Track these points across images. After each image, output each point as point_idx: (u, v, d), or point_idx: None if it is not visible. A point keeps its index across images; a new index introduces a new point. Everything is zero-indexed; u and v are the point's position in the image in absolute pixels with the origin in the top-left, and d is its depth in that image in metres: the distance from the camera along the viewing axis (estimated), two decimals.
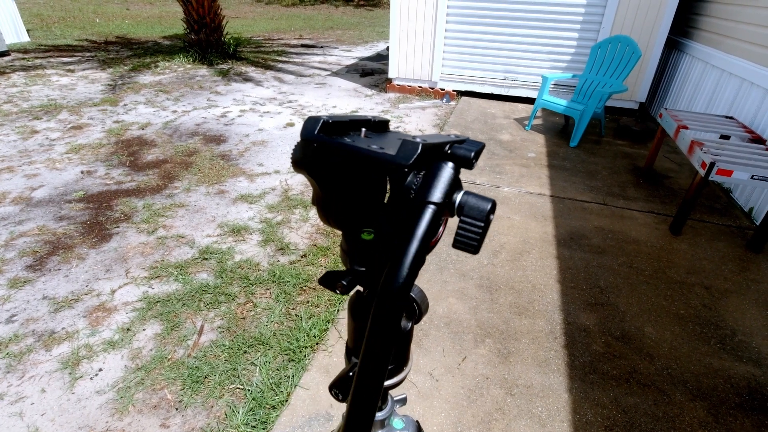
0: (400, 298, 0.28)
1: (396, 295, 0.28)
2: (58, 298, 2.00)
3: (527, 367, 1.69)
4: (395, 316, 0.28)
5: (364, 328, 0.46)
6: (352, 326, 0.48)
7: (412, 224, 0.30)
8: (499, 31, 5.06)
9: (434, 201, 0.31)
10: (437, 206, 0.31)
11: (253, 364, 1.69)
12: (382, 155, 0.33)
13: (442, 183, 0.31)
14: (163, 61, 6.91)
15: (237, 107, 4.87)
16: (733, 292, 2.13)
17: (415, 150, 0.31)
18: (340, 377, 0.45)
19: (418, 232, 0.29)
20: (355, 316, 0.47)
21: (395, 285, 0.28)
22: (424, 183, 0.32)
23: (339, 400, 0.44)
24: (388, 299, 0.28)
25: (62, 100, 4.81)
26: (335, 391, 0.44)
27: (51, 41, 8.24)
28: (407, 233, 0.29)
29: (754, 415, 1.53)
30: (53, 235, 2.46)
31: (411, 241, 0.29)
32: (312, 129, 0.36)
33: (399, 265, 0.28)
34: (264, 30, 11.57)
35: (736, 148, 2.57)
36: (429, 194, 0.31)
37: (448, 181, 0.32)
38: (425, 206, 0.30)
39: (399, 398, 0.50)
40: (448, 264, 2.28)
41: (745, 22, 3.44)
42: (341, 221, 0.42)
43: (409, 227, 0.29)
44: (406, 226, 0.30)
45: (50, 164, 3.31)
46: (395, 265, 0.28)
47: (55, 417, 1.48)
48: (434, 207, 0.30)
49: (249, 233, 2.54)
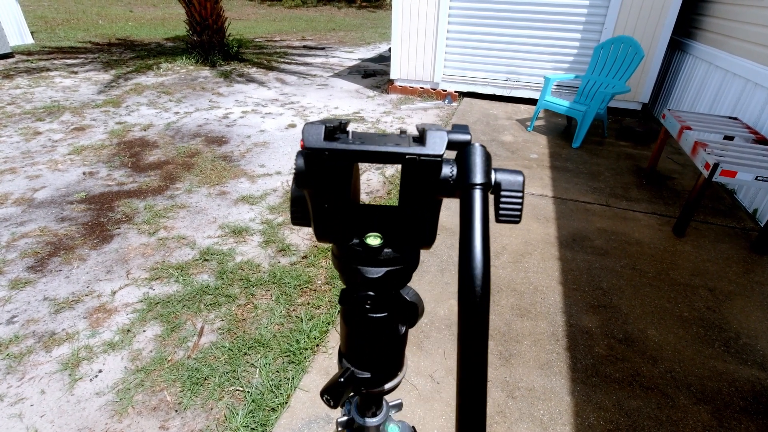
0: (484, 285, 0.28)
1: (480, 284, 0.28)
2: (59, 299, 2.00)
3: (529, 370, 1.68)
4: (484, 305, 0.28)
5: (356, 333, 0.45)
6: (345, 330, 0.47)
7: (468, 212, 0.30)
8: (501, 32, 5.05)
9: (481, 182, 0.31)
10: (484, 186, 0.31)
11: (253, 366, 1.68)
12: (413, 151, 0.33)
13: (482, 164, 0.32)
14: (165, 63, 6.93)
15: (239, 108, 4.88)
16: (738, 295, 2.11)
17: (443, 140, 0.33)
18: (331, 383, 0.44)
19: (477, 216, 0.30)
20: (348, 320, 0.46)
21: (476, 274, 0.28)
22: (464, 168, 0.32)
23: (331, 406, 0.43)
24: (473, 290, 0.28)
25: (65, 102, 4.83)
26: (327, 397, 0.43)
27: (54, 43, 8.29)
28: (468, 221, 0.29)
29: (758, 419, 1.51)
30: (55, 236, 2.46)
31: (474, 227, 0.29)
32: (318, 137, 0.34)
33: (472, 254, 0.28)
34: (266, 32, 11.60)
35: (740, 148, 2.55)
36: (473, 177, 0.31)
37: (486, 160, 0.32)
38: (473, 189, 0.31)
39: (394, 404, 0.49)
40: (450, 266, 2.27)
41: (749, 22, 3.42)
42: (342, 232, 0.40)
43: (467, 216, 0.30)
44: (464, 216, 0.30)
45: (52, 165, 3.32)
46: (469, 255, 0.28)
47: (54, 418, 1.48)
48: (482, 188, 0.31)
49: (250, 234, 2.53)
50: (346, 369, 0.45)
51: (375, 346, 0.46)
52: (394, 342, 0.46)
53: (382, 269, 0.41)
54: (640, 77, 4.62)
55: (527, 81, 5.20)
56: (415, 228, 0.39)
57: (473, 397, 0.28)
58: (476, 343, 0.28)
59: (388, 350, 0.46)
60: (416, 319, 0.45)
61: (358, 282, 0.41)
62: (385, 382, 0.46)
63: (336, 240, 0.41)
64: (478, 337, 0.28)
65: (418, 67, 5.44)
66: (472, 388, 0.28)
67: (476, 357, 0.28)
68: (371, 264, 0.41)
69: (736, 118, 3.12)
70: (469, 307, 0.28)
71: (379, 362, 0.46)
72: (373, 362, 0.46)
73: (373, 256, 0.40)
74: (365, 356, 0.46)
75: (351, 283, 0.42)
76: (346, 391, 0.44)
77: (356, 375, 0.45)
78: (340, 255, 0.42)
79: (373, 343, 0.45)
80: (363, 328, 0.44)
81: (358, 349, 0.46)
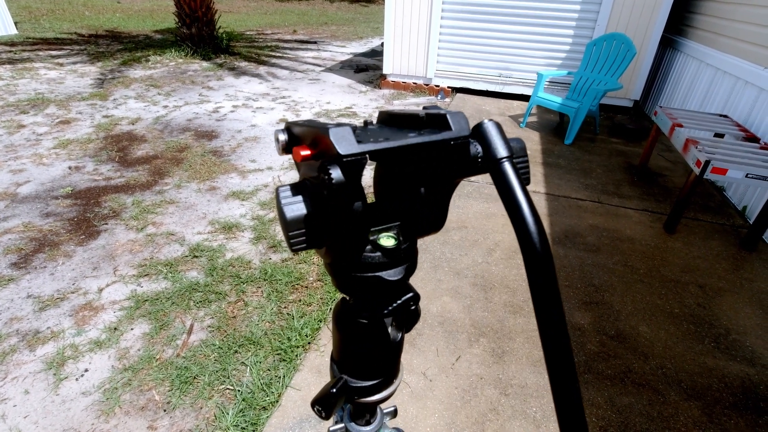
0: (543, 243, 0.29)
1: (540, 243, 0.29)
2: (44, 297, 1.95)
3: (522, 367, 1.68)
4: (548, 261, 0.30)
5: (350, 340, 0.43)
6: (338, 337, 0.45)
7: (506, 183, 0.31)
8: (494, 28, 5.03)
9: (508, 155, 0.32)
10: (510, 158, 0.32)
11: (243, 364, 1.66)
12: (445, 136, 0.33)
13: (502, 138, 0.33)
14: (154, 56, 6.81)
15: (229, 102, 4.81)
16: (727, 291, 2.13)
17: (465, 119, 0.33)
18: (323, 393, 0.41)
19: (516, 184, 0.31)
20: (341, 326, 0.43)
21: (533, 235, 0.29)
22: (487, 144, 0.33)
23: (322, 417, 0.41)
24: (535, 249, 0.29)
25: (50, 94, 4.72)
26: (318, 408, 0.41)
27: (39, 34, 8.10)
28: (510, 191, 0.30)
29: (747, 415, 1.52)
30: (39, 232, 2.40)
31: (517, 194, 0.30)
32: (351, 141, 0.30)
33: (525, 218, 0.30)
34: (257, 25, 11.46)
35: (730, 146, 2.57)
36: (500, 151, 0.32)
37: (503, 134, 0.33)
38: (503, 162, 0.32)
39: (388, 411, 0.47)
40: (443, 262, 2.26)
41: (739, 20, 3.44)
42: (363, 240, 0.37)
43: (506, 186, 0.31)
44: (504, 187, 0.31)
45: (37, 159, 3.24)
46: (522, 220, 0.30)
47: (38, 419, 1.44)
48: (509, 159, 0.32)
49: (241, 230, 2.50)
50: (338, 378, 0.43)
51: (372, 354, 0.44)
52: (392, 348, 0.44)
53: (401, 268, 0.39)
54: (632, 74, 4.63)
55: (520, 77, 5.20)
56: (435, 212, 0.38)
57: (558, 347, 0.30)
58: (550, 297, 0.29)
59: (386, 357, 0.44)
60: (414, 323, 0.43)
61: (379, 290, 0.39)
62: (381, 391, 0.44)
63: (357, 251, 0.38)
64: (550, 291, 0.29)
65: (410, 62, 5.41)
66: (555, 339, 0.30)
67: (553, 309, 0.29)
68: (392, 266, 0.39)
69: (726, 116, 3.15)
70: (535, 265, 0.29)
71: (375, 370, 0.44)
72: (369, 371, 0.44)
73: (395, 256, 0.38)
74: (361, 365, 0.44)
75: (370, 293, 0.39)
76: (339, 401, 0.42)
77: (350, 384, 0.43)
78: (357, 267, 0.38)
79: (371, 350, 0.43)
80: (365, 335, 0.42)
81: (353, 358, 0.44)
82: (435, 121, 0.34)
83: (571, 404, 0.30)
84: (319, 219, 0.34)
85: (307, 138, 0.35)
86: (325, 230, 0.35)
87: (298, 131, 0.37)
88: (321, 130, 0.32)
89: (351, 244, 0.36)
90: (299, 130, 0.37)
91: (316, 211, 0.34)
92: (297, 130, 0.37)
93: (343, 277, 0.38)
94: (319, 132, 0.32)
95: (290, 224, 0.34)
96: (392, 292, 0.39)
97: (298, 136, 0.37)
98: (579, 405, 0.30)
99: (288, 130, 0.39)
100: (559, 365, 0.30)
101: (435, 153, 0.33)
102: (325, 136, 0.31)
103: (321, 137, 0.32)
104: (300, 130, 0.37)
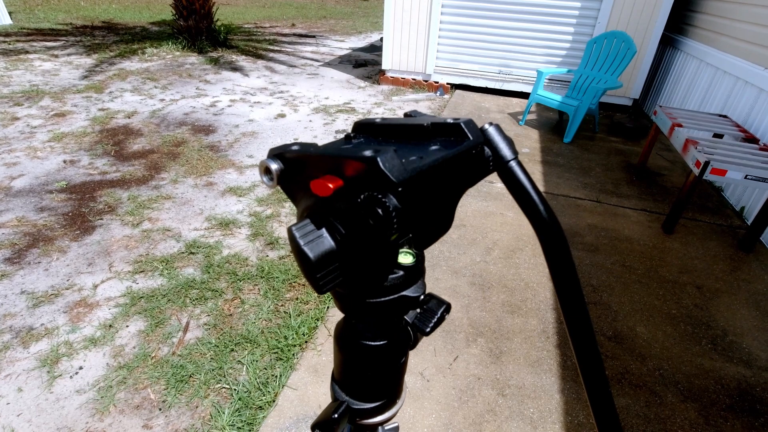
0: (558, 229, 0.32)
1: (556, 228, 0.32)
2: (38, 293, 1.93)
3: (519, 368, 1.67)
4: (564, 245, 0.32)
5: (351, 360, 0.41)
6: (339, 357, 0.43)
7: (517, 182, 0.32)
8: (494, 24, 5.00)
9: (514, 156, 0.33)
10: (516, 158, 0.33)
11: (240, 363, 1.64)
12: (469, 145, 0.33)
13: (506, 141, 0.33)
14: (150, 48, 6.74)
15: (227, 97, 4.77)
16: (725, 292, 2.13)
17: (475, 125, 0.34)
18: (324, 417, 0.40)
19: (526, 182, 0.32)
20: (343, 345, 0.42)
21: (548, 223, 0.32)
22: (494, 148, 0.33)
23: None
24: (554, 236, 0.32)
25: (45, 86, 4.66)
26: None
27: (34, 24, 8.00)
28: (522, 189, 0.32)
29: (744, 417, 1.52)
30: (33, 226, 2.37)
31: (530, 191, 0.32)
32: (400, 164, 0.28)
33: (539, 213, 0.32)
34: (255, 18, 11.36)
35: (729, 147, 2.57)
36: (508, 154, 0.33)
37: (506, 137, 0.34)
38: (510, 163, 0.33)
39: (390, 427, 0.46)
40: (441, 261, 2.25)
41: (740, 20, 3.43)
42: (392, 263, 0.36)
43: (518, 186, 0.32)
44: (516, 186, 0.32)
45: (31, 153, 3.20)
46: (537, 213, 0.32)
47: (32, 417, 1.43)
48: (516, 160, 0.33)
49: (237, 227, 2.48)
50: (341, 402, 0.41)
51: (378, 376, 0.42)
52: (398, 368, 0.42)
53: (421, 281, 0.39)
54: (632, 73, 4.62)
55: (520, 74, 5.17)
56: (445, 219, 0.38)
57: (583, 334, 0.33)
58: (572, 284, 0.32)
59: (391, 379, 0.42)
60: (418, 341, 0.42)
61: (402, 309, 0.38)
62: (384, 412, 0.43)
63: (384, 276, 0.36)
64: (571, 279, 0.32)
65: (410, 58, 5.37)
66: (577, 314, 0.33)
67: (576, 294, 0.32)
68: (412, 282, 0.38)
69: (726, 116, 3.14)
70: (556, 256, 0.32)
71: (380, 392, 0.43)
72: (374, 393, 0.43)
73: (415, 272, 0.37)
74: (366, 387, 0.42)
75: (392, 313, 0.38)
76: (341, 424, 0.40)
77: (352, 407, 0.42)
78: (380, 292, 0.37)
79: (377, 373, 0.42)
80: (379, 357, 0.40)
81: (358, 380, 0.43)
82: (445, 130, 0.33)
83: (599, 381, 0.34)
84: (347, 252, 0.32)
85: (320, 166, 0.31)
86: (353, 262, 0.33)
87: (299, 157, 0.33)
88: (354, 158, 0.28)
89: (379, 271, 0.35)
90: (300, 156, 0.33)
91: (344, 244, 0.32)
92: (296, 155, 0.33)
93: (358, 303, 0.37)
94: (351, 159, 0.29)
95: (317, 264, 0.31)
96: (413, 307, 0.39)
97: (300, 164, 0.33)
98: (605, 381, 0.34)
99: (281, 157, 0.34)
100: (586, 354, 0.33)
101: (460, 163, 0.33)
102: (359, 163, 0.28)
103: (353, 164, 0.29)
104: (302, 156, 0.33)
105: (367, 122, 0.36)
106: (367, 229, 0.29)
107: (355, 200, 0.29)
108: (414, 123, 0.34)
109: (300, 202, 0.35)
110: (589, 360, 0.34)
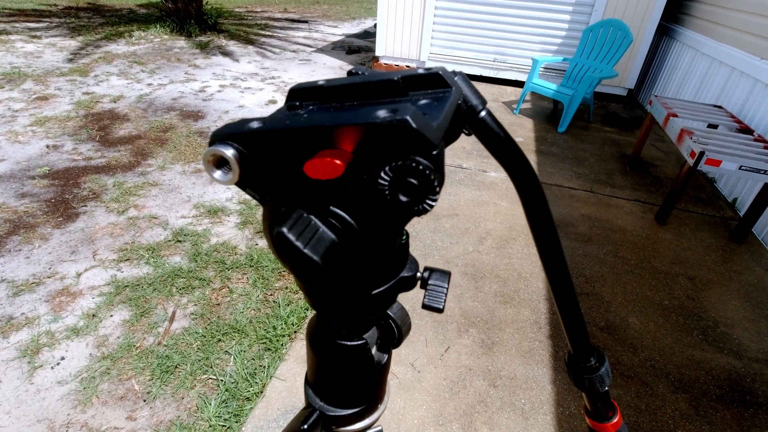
0: (532, 173, 0.33)
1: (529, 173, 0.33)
2: (18, 282, 1.87)
3: (511, 358, 1.66)
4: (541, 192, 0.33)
5: (325, 361, 0.38)
6: (315, 360, 0.39)
7: (489, 131, 0.31)
8: (490, 11, 4.92)
9: (483, 106, 0.31)
10: (485, 107, 0.31)
11: (227, 353, 1.61)
12: (455, 96, 0.29)
13: (471, 88, 0.31)
14: (138, 31, 6.56)
15: (216, 82, 4.66)
16: (716, 283, 2.13)
17: (450, 73, 0.30)
18: (292, 429, 0.36)
19: (497, 129, 0.31)
20: (315, 345, 0.38)
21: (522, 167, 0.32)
22: (466, 97, 0.31)
23: None
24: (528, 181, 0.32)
25: (27, 69, 4.51)
26: None
27: (16, 5, 7.74)
28: (497, 142, 0.31)
29: (734, 408, 1.53)
30: (14, 213, 2.30)
31: (503, 140, 0.31)
32: (428, 123, 0.24)
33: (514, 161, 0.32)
34: (247, 2, 11.11)
35: (724, 137, 2.55)
36: (476, 103, 0.31)
37: (471, 84, 0.31)
38: (481, 115, 0.31)
39: None
40: (433, 250, 2.22)
41: (736, 9, 3.40)
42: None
43: (489, 134, 0.31)
44: (489, 142, 0.31)
45: (12, 137, 3.10)
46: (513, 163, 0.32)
47: (11, 409, 1.38)
48: (486, 109, 0.31)
49: (226, 215, 2.42)
50: (311, 411, 0.38)
51: (358, 378, 0.38)
52: (380, 370, 0.39)
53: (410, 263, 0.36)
54: (627, 62, 4.58)
55: (515, 63, 5.11)
56: None
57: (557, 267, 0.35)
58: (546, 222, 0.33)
59: (372, 381, 0.39)
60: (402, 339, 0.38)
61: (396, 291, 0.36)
62: (364, 418, 0.39)
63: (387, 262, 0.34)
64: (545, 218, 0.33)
65: (404, 44, 5.28)
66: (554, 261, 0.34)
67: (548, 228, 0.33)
68: (405, 261, 0.36)
69: (721, 107, 3.12)
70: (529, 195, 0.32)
71: (359, 396, 0.39)
72: (353, 397, 0.39)
73: (406, 250, 0.35)
74: (343, 391, 0.39)
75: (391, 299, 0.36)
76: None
77: (327, 413, 0.38)
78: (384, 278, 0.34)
79: (357, 374, 0.38)
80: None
81: (334, 383, 0.39)
82: (420, 83, 0.28)
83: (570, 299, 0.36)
84: (351, 244, 0.27)
85: (303, 143, 0.25)
86: (357, 254, 0.29)
87: (268, 135, 0.25)
88: (368, 123, 0.23)
89: (384, 258, 0.32)
90: (270, 133, 0.25)
91: (347, 235, 0.27)
92: (262, 133, 0.25)
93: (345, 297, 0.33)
94: (363, 125, 0.23)
95: (324, 265, 0.26)
96: (412, 287, 0.37)
97: (272, 145, 0.26)
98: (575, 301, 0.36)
99: (237, 139, 0.26)
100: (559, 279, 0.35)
101: (455, 117, 0.30)
102: (375, 129, 0.23)
103: (362, 131, 0.23)
104: (274, 132, 0.25)
105: (309, 86, 0.29)
106: (394, 208, 0.24)
107: (369, 176, 0.24)
108: (380, 79, 0.28)
109: (273, 195, 0.29)
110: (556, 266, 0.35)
